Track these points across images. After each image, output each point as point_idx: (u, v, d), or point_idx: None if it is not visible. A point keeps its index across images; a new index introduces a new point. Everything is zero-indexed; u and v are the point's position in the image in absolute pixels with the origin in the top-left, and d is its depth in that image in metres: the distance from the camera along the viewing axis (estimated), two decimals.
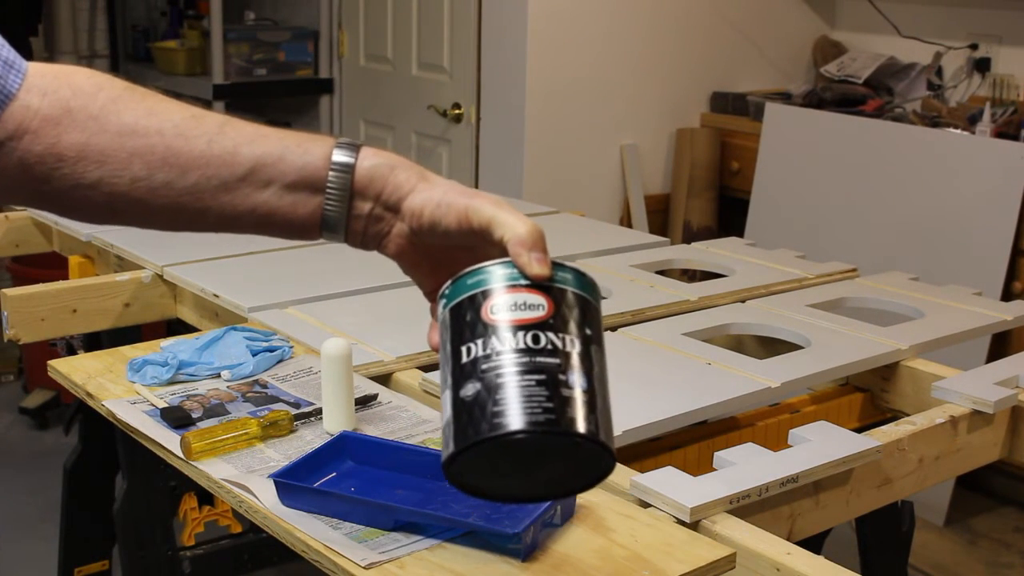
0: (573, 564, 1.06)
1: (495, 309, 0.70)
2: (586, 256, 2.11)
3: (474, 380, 0.68)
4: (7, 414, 3.76)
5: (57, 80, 0.79)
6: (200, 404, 1.38)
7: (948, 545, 3.07)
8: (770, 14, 3.85)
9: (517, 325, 0.69)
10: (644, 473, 1.23)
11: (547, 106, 3.46)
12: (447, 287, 0.73)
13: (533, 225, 0.74)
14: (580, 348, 0.70)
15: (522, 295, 0.70)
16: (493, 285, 0.71)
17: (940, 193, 3.10)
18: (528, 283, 0.71)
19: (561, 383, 0.68)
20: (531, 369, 0.67)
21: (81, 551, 2.41)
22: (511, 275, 0.71)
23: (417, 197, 0.77)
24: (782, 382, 1.52)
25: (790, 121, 3.48)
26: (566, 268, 0.73)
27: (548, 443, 0.67)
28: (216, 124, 0.79)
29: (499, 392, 0.67)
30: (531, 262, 0.71)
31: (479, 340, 0.69)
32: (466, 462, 0.68)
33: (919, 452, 1.46)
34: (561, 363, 0.68)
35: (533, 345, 0.68)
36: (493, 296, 0.70)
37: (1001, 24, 3.46)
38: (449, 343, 0.71)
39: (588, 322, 0.72)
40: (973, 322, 1.82)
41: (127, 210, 0.79)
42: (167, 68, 4.42)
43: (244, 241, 2.02)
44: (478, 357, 0.68)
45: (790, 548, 1.13)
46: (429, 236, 0.78)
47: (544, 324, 0.69)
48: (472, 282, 0.71)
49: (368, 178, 0.78)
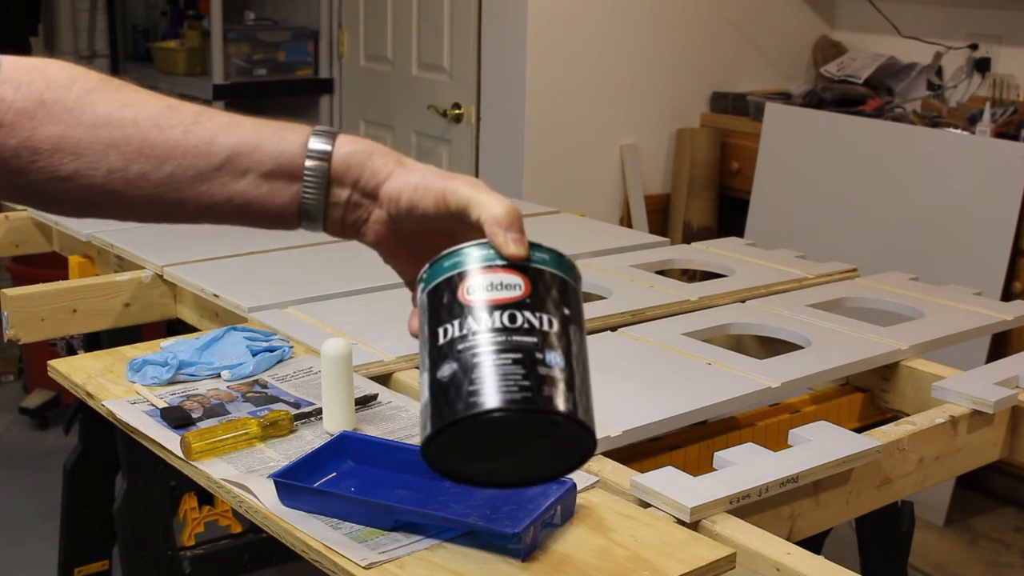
0: (573, 564, 1.06)
1: (471, 290, 0.69)
2: (586, 256, 2.11)
3: (450, 360, 0.67)
4: (7, 414, 3.76)
5: (31, 73, 0.78)
6: (200, 404, 1.38)
7: (948, 545, 3.07)
8: (770, 14, 3.85)
9: (493, 305, 0.68)
10: (644, 473, 1.23)
11: (547, 106, 3.46)
12: (425, 270, 0.72)
13: (510, 205, 0.73)
14: (558, 328, 0.69)
15: (498, 275, 0.70)
16: (469, 266, 0.70)
17: (940, 193, 3.10)
18: (505, 263, 0.70)
19: (538, 361, 0.67)
20: (507, 348, 0.67)
21: (81, 551, 2.41)
22: (487, 255, 0.71)
23: (394, 182, 0.77)
24: (782, 382, 1.52)
25: (790, 121, 3.48)
26: (543, 248, 0.72)
27: (526, 421, 0.66)
28: (191, 114, 0.79)
29: (475, 371, 0.66)
30: (507, 242, 0.71)
31: (456, 321, 0.68)
32: (444, 443, 0.67)
33: (919, 452, 1.46)
34: (538, 342, 0.68)
35: (509, 324, 0.68)
36: (469, 277, 0.70)
37: (1001, 24, 3.46)
38: (427, 325, 0.71)
39: (566, 302, 0.71)
40: (973, 322, 1.82)
41: (103, 202, 0.79)
42: (167, 68, 4.42)
43: (244, 241, 2.02)
44: (454, 338, 0.68)
45: (790, 548, 1.13)
46: (407, 221, 0.77)
47: (521, 303, 0.69)
48: (449, 264, 0.71)
49: (345, 165, 0.78)
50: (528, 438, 0.68)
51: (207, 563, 2.04)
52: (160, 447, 1.30)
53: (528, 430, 0.67)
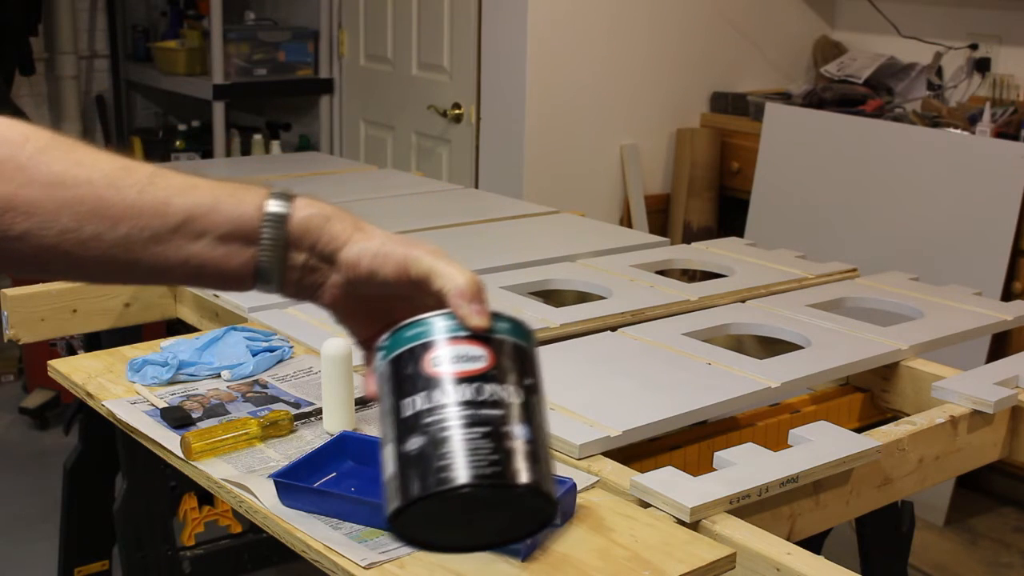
0: (573, 564, 1.06)
1: (436, 361, 0.69)
2: (586, 256, 2.11)
3: (418, 434, 0.67)
4: (7, 414, 3.76)
5: None
6: (200, 404, 1.38)
7: (948, 545, 3.07)
8: (770, 14, 3.85)
9: (460, 377, 0.69)
10: (644, 473, 1.23)
11: (547, 106, 3.46)
12: (386, 339, 0.72)
13: (472, 276, 0.73)
14: (522, 398, 0.69)
15: (463, 347, 0.70)
16: (434, 337, 0.70)
17: (940, 193, 3.10)
18: (468, 335, 0.71)
19: (505, 435, 0.67)
20: (475, 421, 0.67)
21: (81, 551, 2.41)
22: (451, 327, 0.71)
23: (353, 248, 0.77)
24: (782, 382, 1.52)
25: (790, 121, 3.48)
26: (504, 318, 0.72)
27: (495, 495, 0.67)
28: (147, 174, 0.77)
29: (444, 446, 0.66)
30: (471, 314, 0.71)
31: (421, 393, 0.68)
32: (412, 516, 0.68)
33: (919, 452, 1.46)
34: (504, 414, 0.68)
35: (476, 397, 0.68)
36: (434, 348, 0.70)
37: (1001, 24, 3.46)
38: (390, 396, 0.70)
39: (528, 371, 0.71)
40: (973, 322, 1.82)
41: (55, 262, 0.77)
42: (167, 68, 4.42)
43: None
44: (421, 411, 0.68)
45: (790, 548, 1.13)
46: (366, 287, 0.77)
47: (486, 376, 0.69)
48: (411, 334, 0.71)
49: (303, 229, 0.77)
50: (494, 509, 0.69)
51: (207, 563, 2.04)
52: (160, 447, 1.30)
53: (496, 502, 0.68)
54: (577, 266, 2.05)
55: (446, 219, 2.34)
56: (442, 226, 2.29)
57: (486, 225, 2.35)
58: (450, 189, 2.88)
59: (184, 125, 4.61)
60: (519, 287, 1.91)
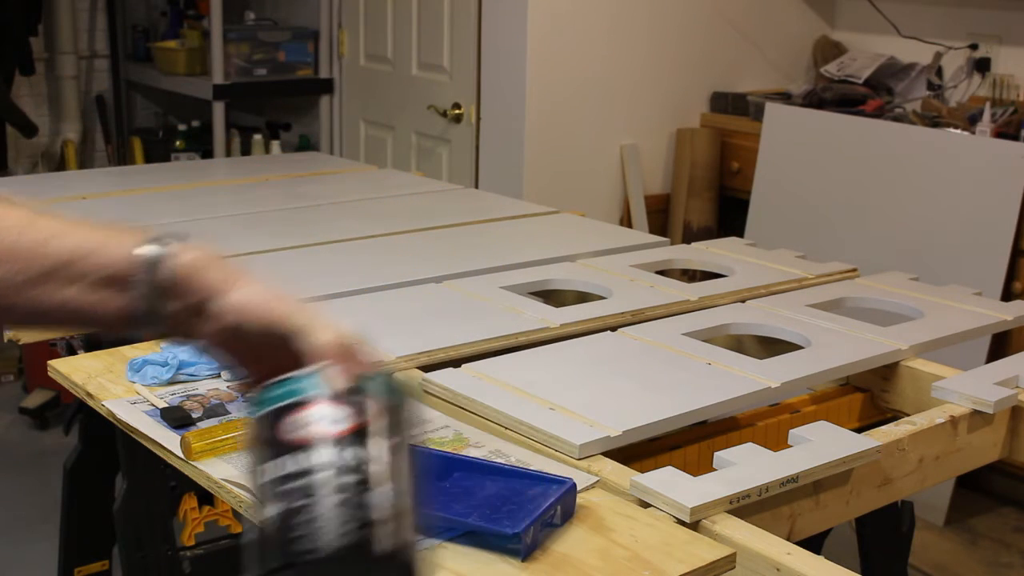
0: (573, 564, 1.06)
1: (299, 424, 0.68)
2: (586, 256, 2.11)
3: (278, 500, 0.66)
4: (7, 414, 3.76)
5: None
6: (200, 404, 1.38)
7: (948, 545, 3.07)
8: (770, 14, 3.85)
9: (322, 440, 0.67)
10: (644, 473, 1.23)
11: (547, 106, 3.46)
12: (255, 397, 0.71)
13: (340, 334, 0.73)
14: (387, 458, 0.68)
15: (328, 408, 0.68)
16: (298, 398, 0.69)
17: (940, 193, 3.10)
18: (334, 395, 0.69)
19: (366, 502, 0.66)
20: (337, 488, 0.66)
21: (81, 551, 2.41)
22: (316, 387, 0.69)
23: (225, 300, 0.76)
24: (782, 382, 1.52)
25: (790, 121, 3.48)
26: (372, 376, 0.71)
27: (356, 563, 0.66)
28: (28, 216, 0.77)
29: (303, 513, 0.65)
30: (335, 375, 0.70)
31: (284, 456, 0.67)
32: None
33: (919, 452, 1.46)
34: (366, 479, 0.67)
35: (339, 461, 0.67)
36: (297, 410, 0.68)
37: (1001, 24, 3.46)
38: (254, 458, 0.69)
39: (394, 430, 0.70)
40: (973, 322, 1.82)
41: None
42: (167, 68, 4.42)
43: (243, 240, 2.02)
44: (281, 475, 0.67)
45: (790, 548, 1.13)
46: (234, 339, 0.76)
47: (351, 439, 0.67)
48: (276, 394, 0.70)
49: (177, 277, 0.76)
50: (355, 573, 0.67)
51: (207, 563, 2.03)
52: (160, 447, 1.30)
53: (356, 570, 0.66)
54: (577, 266, 2.05)
55: (446, 219, 2.34)
56: (442, 226, 2.29)
57: (486, 225, 2.35)
58: (450, 189, 2.88)
59: (184, 125, 4.61)
60: (519, 287, 1.91)
